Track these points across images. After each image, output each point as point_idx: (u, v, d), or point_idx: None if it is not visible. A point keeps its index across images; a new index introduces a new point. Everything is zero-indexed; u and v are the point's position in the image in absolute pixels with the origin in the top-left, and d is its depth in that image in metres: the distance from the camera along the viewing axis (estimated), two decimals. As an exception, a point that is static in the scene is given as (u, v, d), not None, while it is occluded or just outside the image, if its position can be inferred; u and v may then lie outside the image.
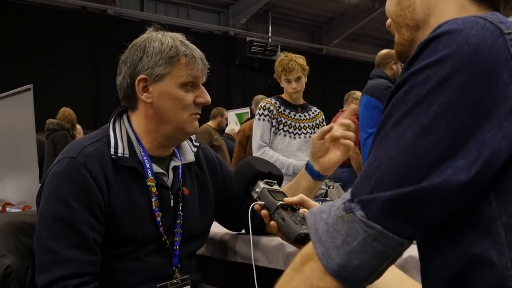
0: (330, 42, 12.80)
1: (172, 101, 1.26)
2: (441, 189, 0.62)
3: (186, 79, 1.26)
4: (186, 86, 1.26)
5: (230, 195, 1.47)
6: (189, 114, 1.28)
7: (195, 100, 1.28)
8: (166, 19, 9.87)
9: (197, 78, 1.28)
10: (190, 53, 1.26)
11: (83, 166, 1.17)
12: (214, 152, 1.53)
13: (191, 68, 1.26)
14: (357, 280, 0.67)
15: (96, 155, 1.21)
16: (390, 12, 0.88)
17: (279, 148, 3.01)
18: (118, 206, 1.21)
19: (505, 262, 0.63)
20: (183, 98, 1.26)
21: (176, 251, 1.29)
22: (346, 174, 4.66)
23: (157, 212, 1.26)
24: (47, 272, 1.11)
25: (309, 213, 0.73)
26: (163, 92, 1.26)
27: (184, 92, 1.26)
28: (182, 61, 1.25)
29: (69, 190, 1.16)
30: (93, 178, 1.17)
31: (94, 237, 1.16)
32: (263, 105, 3.04)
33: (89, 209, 1.16)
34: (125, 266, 1.22)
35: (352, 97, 4.84)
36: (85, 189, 1.16)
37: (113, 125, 1.30)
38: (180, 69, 1.25)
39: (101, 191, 1.18)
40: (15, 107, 3.06)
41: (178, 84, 1.26)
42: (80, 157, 1.19)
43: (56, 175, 1.19)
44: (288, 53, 3.05)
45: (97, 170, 1.19)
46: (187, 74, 1.25)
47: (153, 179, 1.26)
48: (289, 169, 2.89)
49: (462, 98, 0.62)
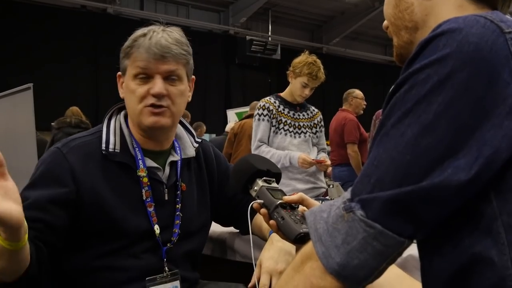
0: (330, 41, 12.78)
1: (128, 94, 1.28)
2: (442, 188, 0.62)
3: (135, 70, 1.25)
4: (138, 77, 1.25)
5: (227, 193, 1.46)
6: (142, 106, 1.25)
7: (149, 91, 1.24)
8: (166, 18, 9.86)
9: (146, 69, 1.24)
10: (138, 44, 1.24)
11: (64, 156, 1.21)
12: (214, 148, 1.52)
13: (139, 59, 1.24)
14: (357, 279, 0.67)
15: (83, 148, 1.24)
16: (388, 15, 0.88)
17: (280, 147, 3.00)
18: (106, 199, 1.21)
19: (505, 261, 0.63)
20: (134, 90, 1.25)
21: (165, 246, 1.28)
22: (345, 173, 4.67)
23: (149, 203, 1.26)
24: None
25: (309, 212, 0.73)
26: (125, 86, 1.29)
27: (136, 84, 1.25)
28: (134, 52, 1.25)
29: (41, 174, 1.20)
30: (70, 170, 1.20)
31: (42, 218, 1.13)
32: (263, 105, 3.01)
33: (50, 195, 1.16)
34: (117, 262, 1.22)
35: (352, 96, 4.83)
36: (55, 177, 1.19)
37: (108, 120, 1.31)
38: (132, 61, 1.25)
39: (77, 182, 1.19)
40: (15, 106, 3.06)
41: (131, 76, 1.26)
42: (65, 148, 1.23)
43: (39, 161, 1.25)
44: (316, 58, 2.95)
45: (79, 162, 1.21)
46: (135, 65, 1.25)
47: (144, 170, 1.27)
48: (287, 160, 2.88)
49: (463, 97, 0.62)
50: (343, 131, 4.65)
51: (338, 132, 4.70)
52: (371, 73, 13.17)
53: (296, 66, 2.93)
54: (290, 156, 2.89)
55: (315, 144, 3.13)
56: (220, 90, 10.82)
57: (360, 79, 11.23)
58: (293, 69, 2.95)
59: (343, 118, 4.70)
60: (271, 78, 11.54)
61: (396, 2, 0.85)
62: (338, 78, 10.57)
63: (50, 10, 9.14)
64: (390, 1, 0.87)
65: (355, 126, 4.66)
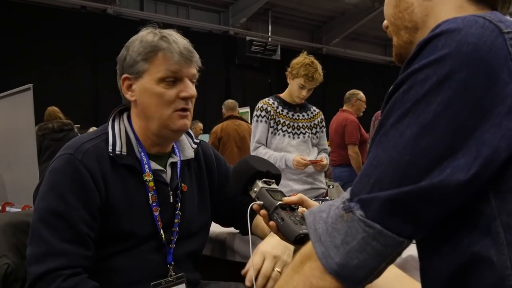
0: (330, 41, 12.79)
1: (152, 97, 1.25)
2: (441, 188, 0.62)
3: (163, 74, 1.24)
4: (165, 81, 1.25)
5: (227, 194, 1.47)
6: (172, 110, 1.26)
7: (178, 95, 1.26)
8: (166, 18, 9.86)
9: (177, 72, 1.25)
10: (167, 48, 1.24)
11: (80, 162, 1.19)
12: (213, 150, 1.53)
13: (168, 62, 1.24)
14: (357, 279, 0.67)
15: (94, 151, 1.22)
16: (388, 15, 0.88)
17: (278, 148, 2.99)
18: (116, 202, 1.22)
19: (504, 261, 0.63)
20: (163, 94, 1.24)
21: (171, 249, 1.29)
22: (346, 173, 4.67)
23: (155, 207, 1.27)
24: (42, 263, 1.12)
25: (309, 212, 0.73)
26: (144, 89, 1.26)
27: (163, 88, 1.25)
28: (159, 56, 1.24)
29: (66, 186, 1.17)
30: (90, 175, 1.19)
31: (88, 233, 1.17)
32: (260, 106, 3.00)
33: (85, 205, 1.17)
34: (122, 264, 1.22)
35: (356, 97, 4.81)
36: (82, 186, 1.18)
37: (112, 123, 1.31)
38: (157, 65, 1.24)
39: (98, 187, 1.19)
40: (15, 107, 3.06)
41: (156, 80, 1.24)
42: (78, 154, 1.20)
43: (54, 171, 1.20)
44: (314, 59, 2.91)
45: (94, 166, 1.20)
46: (164, 69, 1.24)
47: (150, 174, 1.27)
48: (282, 162, 2.88)
49: (462, 97, 0.62)
50: (344, 132, 4.64)
51: (338, 132, 4.69)
52: (371, 74, 13.17)
53: (294, 67, 2.91)
54: (286, 158, 2.88)
55: (316, 144, 3.12)
56: (220, 91, 10.82)
57: (360, 79, 11.22)
58: (290, 70, 2.93)
59: (344, 119, 4.69)
60: (271, 79, 11.54)
61: (396, 2, 0.85)
62: (338, 78, 10.57)
63: (50, 11, 9.14)
64: (390, 1, 0.87)
65: (356, 127, 4.66)
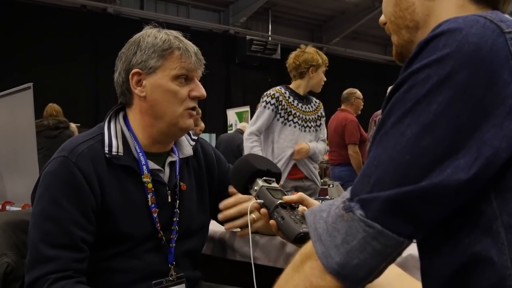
0: (330, 40, 12.78)
1: (165, 94, 1.25)
2: (441, 188, 0.62)
3: (178, 71, 1.25)
4: (179, 79, 1.25)
5: (226, 192, 1.46)
6: (183, 108, 1.26)
7: (189, 94, 1.26)
8: (166, 17, 9.86)
9: (191, 71, 1.27)
10: (183, 46, 1.26)
11: (74, 165, 1.18)
12: (213, 148, 1.52)
13: (184, 61, 1.25)
14: (357, 279, 0.67)
15: (89, 153, 1.21)
16: (387, 13, 0.87)
17: (288, 140, 2.95)
18: (113, 204, 1.21)
19: (505, 261, 0.63)
20: (177, 91, 1.25)
21: (172, 249, 1.29)
22: (346, 173, 4.67)
23: (154, 209, 1.26)
24: (33, 271, 1.12)
25: (309, 211, 0.73)
26: (156, 85, 1.25)
27: (177, 86, 1.25)
28: (175, 53, 1.25)
29: (60, 190, 1.16)
30: (84, 177, 1.17)
31: (83, 236, 1.16)
32: (272, 94, 2.94)
33: (79, 208, 1.16)
34: (122, 264, 1.22)
35: (355, 96, 4.82)
36: (76, 189, 1.17)
37: (108, 123, 1.29)
38: (172, 62, 1.25)
39: (93, 190, 1.18)
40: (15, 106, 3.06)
41: (171, 77, 1.25)
42: (72, 156, 1.19)
43: (48, 174, 1.19)
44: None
45: (89, 168, 1.19)
46: (179, 67, 1.25)
47: (149, 175, 1.26)
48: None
49: (462, 97, 0.62)
50: (344, 132, 4.64)
51: (338, 132, 4.69)
52: (371, 73, 13.16)
53: (313, 60, 2.99)
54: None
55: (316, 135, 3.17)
56: (220, 90, 10.81)
57: (360, 78, 11.22)
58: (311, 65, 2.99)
59: (344, 119, 4.69)
60: (271, 78, 11.53)
61: (397, 1, 0.84)
62: (338, 78, 10.56)
63: (50, 10, 9.13)
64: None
65: (356, 127, 4.66)
